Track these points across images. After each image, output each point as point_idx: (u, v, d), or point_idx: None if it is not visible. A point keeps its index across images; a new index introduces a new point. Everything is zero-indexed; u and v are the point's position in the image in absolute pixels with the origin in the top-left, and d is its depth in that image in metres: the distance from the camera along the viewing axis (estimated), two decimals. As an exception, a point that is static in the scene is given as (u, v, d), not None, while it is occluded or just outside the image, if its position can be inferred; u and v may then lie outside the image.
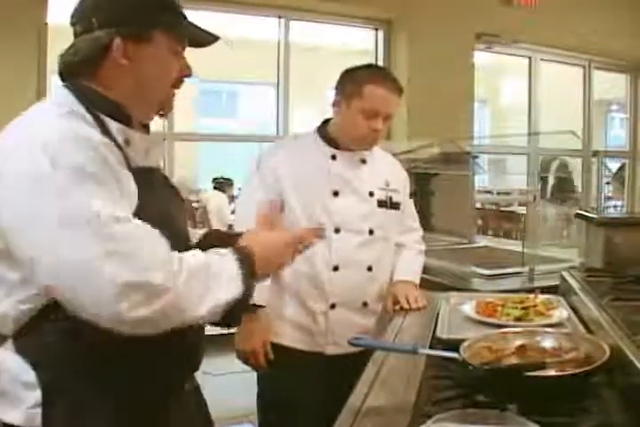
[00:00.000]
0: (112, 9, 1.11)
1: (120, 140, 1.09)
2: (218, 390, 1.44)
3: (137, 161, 1.11)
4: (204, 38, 1.21)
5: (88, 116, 1.06)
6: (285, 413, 1.95)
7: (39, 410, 1.03)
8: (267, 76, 4.97)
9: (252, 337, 1.90)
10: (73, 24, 1.13)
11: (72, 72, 1.12)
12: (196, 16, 1.24)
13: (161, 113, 1.21)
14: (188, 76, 1.20)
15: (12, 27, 3.64)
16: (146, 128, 1.21)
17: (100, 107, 1.09)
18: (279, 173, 1.95)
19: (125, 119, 1.12)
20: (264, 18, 4.87)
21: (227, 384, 3.50)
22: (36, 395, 1.03)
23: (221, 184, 7.26)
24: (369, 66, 2.09)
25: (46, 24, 3.84)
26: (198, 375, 1.32)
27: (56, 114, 1.04)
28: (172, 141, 4.47)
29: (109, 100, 1.11)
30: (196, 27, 1.20)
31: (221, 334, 1.46)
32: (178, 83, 1.19)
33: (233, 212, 5.47)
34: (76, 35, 1.13)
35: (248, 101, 10.83)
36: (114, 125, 1.09)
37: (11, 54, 3.65)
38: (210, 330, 1.27)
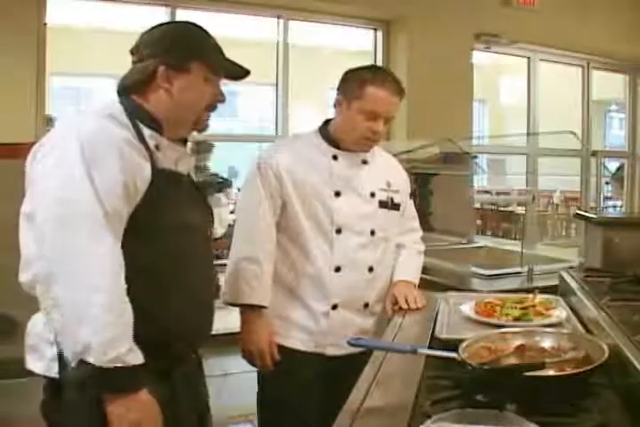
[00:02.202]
0: (159, 43, 1.40)
1: (151, 144, 1.35)
2: (217, 390, 1.44)
3: (164, 164, 1.36)
4: (237, 72, 1.49)
5: (126, 121, 1.32)
6: (285, 413, 1.94)
7: (56, 363, 1.24)
8: (266, 76, 4.96)
9: (258, 338, 1.90)
10: (132, 54, 1.43)
11: (125, 90, 1.40)
12: (196, 16, 1.28)
13: (197, 129, 1.46)
14: (222, 102, 1.46)
15: (11, 27, 3.64)
16: (184, 142, 1.47)
17: (140, 116, 1.36)
18: (280, 173, 1.94)
19: (158, 128, 1.38)
20: (263, 18, 4.87)
21: (226, 385, 3.50)
22: (55, 350, 1.24)
23: (221, 184, 7.24)
24: (371, 67, 2.08)
25: (46, 24, 3.84)
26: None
27: (95, 114, 1.32)
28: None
29: (147, 111, 1.38)
30: (232, 62, 1.47)
31: (220, 335, 1.46)
32: (212, 107, 1.45)
33: (232, 212, 5.47)
34: (133, 62, 1.42)
35: (248, 101, 10.80)
36: (147, 132, 1.35)
37: (10, 54, 3.65)
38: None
